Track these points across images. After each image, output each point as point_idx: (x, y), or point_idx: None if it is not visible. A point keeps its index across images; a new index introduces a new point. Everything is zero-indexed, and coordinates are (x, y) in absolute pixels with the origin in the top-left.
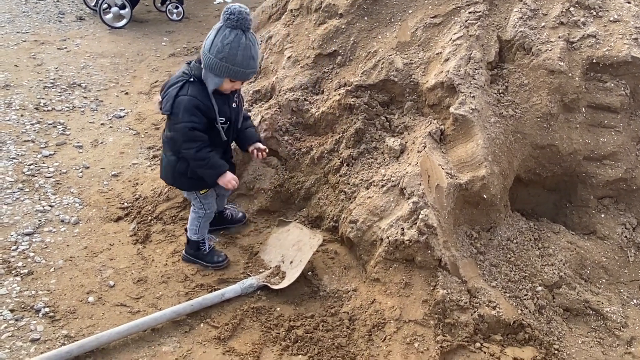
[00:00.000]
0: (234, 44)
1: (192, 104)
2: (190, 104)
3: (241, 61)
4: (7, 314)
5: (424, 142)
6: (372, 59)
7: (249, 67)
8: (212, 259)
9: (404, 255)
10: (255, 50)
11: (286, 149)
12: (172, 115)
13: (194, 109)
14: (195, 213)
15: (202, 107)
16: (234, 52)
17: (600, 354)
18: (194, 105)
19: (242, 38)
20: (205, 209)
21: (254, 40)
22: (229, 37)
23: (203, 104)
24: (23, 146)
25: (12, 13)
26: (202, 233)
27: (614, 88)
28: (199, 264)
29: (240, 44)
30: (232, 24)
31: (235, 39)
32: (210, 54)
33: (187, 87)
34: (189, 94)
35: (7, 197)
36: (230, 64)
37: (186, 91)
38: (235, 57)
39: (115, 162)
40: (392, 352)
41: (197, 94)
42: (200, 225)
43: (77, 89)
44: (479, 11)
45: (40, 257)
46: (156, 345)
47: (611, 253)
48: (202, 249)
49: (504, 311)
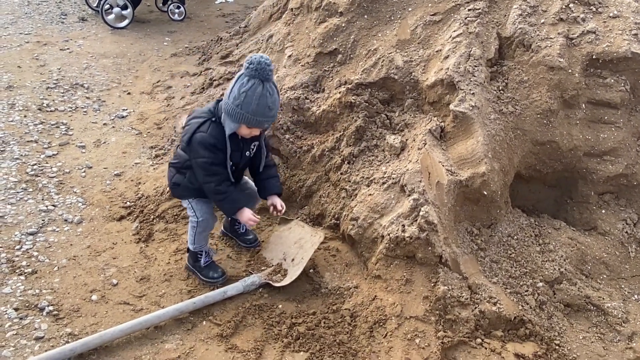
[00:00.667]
0: (249, 92)
1: (209, 142)
2: (207, 141)
3: (255, 109)
4: (11, 313)
5: (425, 140)
6: (372, 57)
7: (264, 116)
8: (207, 273)
9: (404, 252)
10: (272, 100)
11: (287, 147)
12: (188, 148)
13: (212, 147)
14: (190, 222)
15: (218, 146)
16: (249, 100)
17: (602, 349)
18: (211, 144)
19: (258, 87)
20: (198, 217)
21: (272, 90)
22: (246, 85)
23: (220, 142)
24: (26, 146)
25: (14, 14)
26: (198, 244)
27: (614, 84)
28: (196, 276)
29: (256, 93)
30: (250, 73)
31: (251, 88)
32: (228, 100)
33: (208, 125)
34: (208, 133)
35: (11, 197)
36: (245, 112)
37: (206, 129)
38: (250, 105)
39: (117, 162)
40: (393, 348)
41: (216, 134)
42: (195, 234)
43: (79, 90)
44: (479, 8)
45: (44, 256)
46: (159, 342)
47: (612, 249)
48: (200, 262)
49: (505, 307)
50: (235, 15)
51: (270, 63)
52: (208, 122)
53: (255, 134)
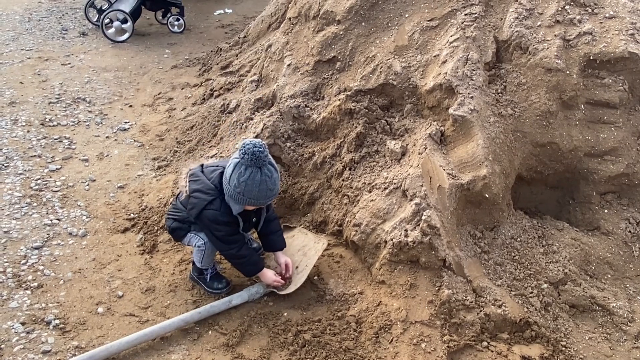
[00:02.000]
0: (249, 181)
1: (224, 220)
2: (222, 220)
3: (257, 194)
4: (18, 327)
5: (425, 144)
6: (370, 63)
7: (266, 197)
8: (212, 284)
9: (408, 256)
10: (272, 182)
11: (289, 155)
12: (198, 220)
13: (225, 222)
14: (196, 248)
15: (232, 221)
16: (250, 188)
17: (608, 349)
18: (226, 221)
19: (257, 175)
20: (205, 240)
21: (270, 172)
22: (245, 174)
23: (231, 217)
24: (30, 161)
25: (15, 31)
26: (206, 263)
27: (612, 84)
28: (202, 287)
29: (255, 180)
30: (246, 163)
31: (250, 177)
32: (229, 186)
33: (219, 203)
34: (221, 211)
35: (15, 212)
36: (247, 197)
37: (217, 207)
38: (251, 192)
39: (121, 174)
40: (399, 353)
41: (227, 211)
42: (203, 257)
43: (81, 104)
44: (475, 13)
45: (49, 270)
46: (165, 353)
47: (615, 248)
48: (205, 274)
49: (510, 309)
50: (234, 26)
51: (263, 148)
52: (217, 200)
53: (261, 207)
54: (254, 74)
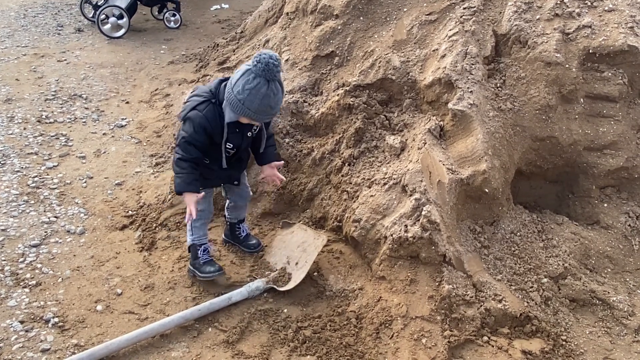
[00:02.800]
0: (254, 90)
1: (200, 123)
2: (199, 121)
3: (257, 108)
4: (17, 325)
5: (424, 139)
6: (369, 58)
7: (265, 114)
8: (204, 269)
9: (408, 252)
10: (275, 100)
11: (287, 151)
12: (183, 122)
13: (200, 128)
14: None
15: (208, 130)
16: (252, 98)
17: (608, 343)
18: (202, 125)
19: (263, 87)
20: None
21: (277, 89)
22: (252, 82)
23: (212, 127)
24: (27, 159)
25: (11, 27)
26: (197, 234)
27: (612, 77)
28: (196, 276)
29: (260, 92)
30: (257, 71)
31: (256, 87)
32: (232, 91)
33: (206, 105)
34: (204, 113)
35: (13, 210)
36: (247, 107)
37: (203, 108)
38: (252, 102)
39: (118, 171)
40: (400, 349)
41: (211, 116)
42: (191, 226)
43: (78, 100)
44: (474, 6)
45: (47, 268)
46: (165, 351)
47: (615, 242)
48: (200, 259)
49: (510, 304)
50: (231, 21)
51: (278, 63)
52: (207, 102)
53: (255, 124)
54: None
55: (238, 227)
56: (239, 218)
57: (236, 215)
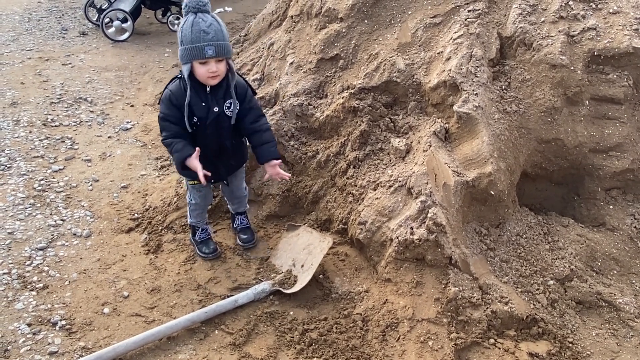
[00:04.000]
0: (184, 25)
1: (167, 97)
2: (166, 96)
3: (191, 37)
4: (24, 328)
5: (429, 141)
6: (374, 61)
7: (201, 40)
8: (201, 248)
9: (414, 254)
10: (206, 24)
11: (292, 153)
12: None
13: (168, 101)
14: (187, 199)
15: (174, 102)
16: (186, 32)
17: (615, 346)
18: (168, 98)
19: (190, 18)
20: (191, 199)
21: (205, 17)
22: (182, 21)
23: (176, 98)
24: (33, 162)
25: (15, 31)
26: (194, 219)
27: (617, 79)
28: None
29: (188, 23)
30: (186, 11)
31: (186, 22)
32: (182, 44)
33: (173, 82)
34: (169, 88)
35: (19, 213)
36: (185, 45)
37: (172, 86)
38: (187, 36)
39: (124, 174)
40: (406, 351)
41: (175, 89)
42: (189, 211)
43: (83, 104)
44: (478, 9)
45: (54, 271)
46: (172, 353)
47: (621, 244)
48: (197, 237)
49: (517, 306)
50: (235, 24)
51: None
52: (174, 79)
53: (213, 70)
54: (256, 72)
55: (235, 218)
56: (237, 210)
57: (233, 208)
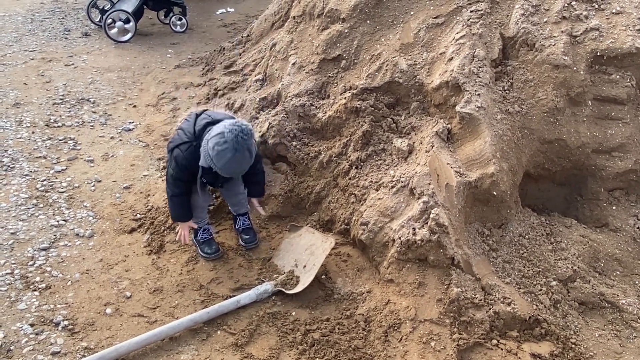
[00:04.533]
0: (222, 152)
1: (182, 163)
2: (180, 162)
3: (222, 168)
4: (27, 328)
5: (432, 142)
6: (376, 61)
7: (228, 173)
8: (203, 248)
9: (416, 255)
10: (239, 165)
11: (295, 154)
12: (170, 153)
13: (182, 167)
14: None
15: (189, 168)
16: (219, 159)
17: (618, 346)
18: (184, 165)
19: (229, 153)
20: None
21: (242, 157)
22: (222, 146)
23: (192, 165)
24: (35, 162)
25: (18, 32)
26: (195, 217)
27: (620, 80)
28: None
29: (226, 156)
30: (227, 137)
31: (224, 150)
32: (207, 143)
33: (187, 147)
34: (184, 154)
35: (22, 214)
36: (214, 163)
37: (185, 149)
38: (219, 162)
39: (126, 175)
40: (409, 352)
41: (190, 158)
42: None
43: (85, 104)
44: (481, 9)
45: (57, 271)
46: (174, 353)
47: (624, 245)
48: (199, 237)
49: (519, 307)
50: (237, 25)
51: (248, 137)
52: (188, 144)
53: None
54: (258, 73)
55: (237, 219)
56: (238, 212)
57: (234, 209)
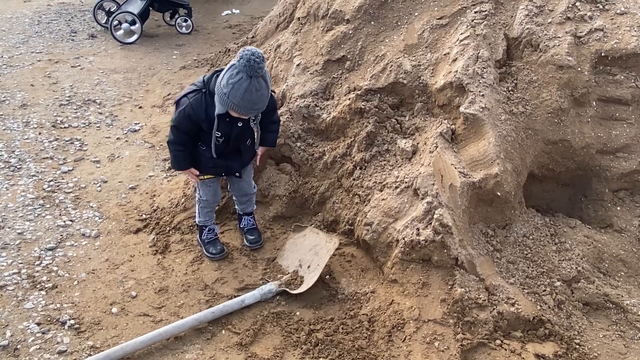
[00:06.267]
0: (236, 85)
1: (185, 110)
2: (184, 109)
3: (239, 102)
4: (34, 328)
5: (436, 143)
6: (380, 62)
7: (249, 109)
8: (208, 248)
9: (420, 255)
10: (258, 95)
11: (299, 155)
12: (175, 108)
13: (184, 114)
14: (196, 196)
15: (192, 117)
16: (235, 92)
17: (622, 347)
18: (186, 112)
19: (245, 82)
20: (201, 196)
21: (259, 85)
22: (235, 77)
23: (196, 115)
24: (42, 163)
25: (25, 34)
26: (203, 218)
27: (624, 80)
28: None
29: (242, 87)
30: (240, 67)
31: (239, 81)
32: (219, 84)
33: (195, 94)
34: (190, 102)
35: (29, 214)
36: (230, 101)
37: (192, 97)
38: (235, 96)
39: (132, 175)
40: (412, 352)
41: (196, 105)
42: (198, 210)
43: (92, 105)
44: (485, 10)
45: (63, 271)
46: (179, 353)
47: (629, 246)
48: (203, 237)
49: (523, 307)
50: (242, 26)
51: (261, 60)
52: (197, 92)
53: (244, 117)
54: None
55: (242, 218)
56: (245, 211)
57: (241, 208)
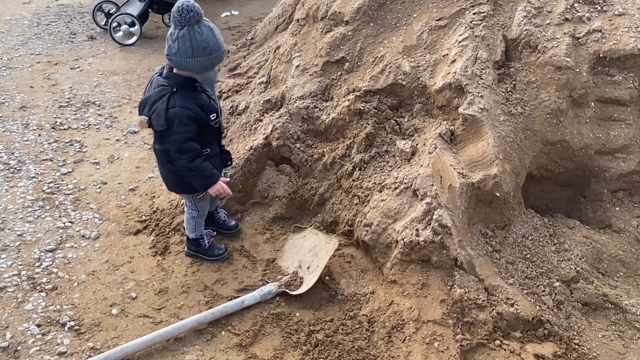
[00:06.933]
0: (204, 36)
1: (185, 115)
2: (183, 115)
3: (216, 44)
4: (34, 329)
5: (435, 144)
6: (379, 63)
7: (222, 46)
8: (212, 252)
9: (419, 256)
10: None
11: (298, 156)
12: (167, 129)
13: (187, 120)
14: (189, 214)
15: (193, 116)
16: (207, 41)
17: (621, 347)
18: (187, 116)
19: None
20: (199, 210)
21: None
22: (174, 36)
23: (194, 111)
24: (42, 165)
25: (25, 35)
26: (199, 231)
27: (622, 81)
28: (202, 259)
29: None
30: (172, 26)
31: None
32: (179, 61)
33: (173, 98)
34: (178, 106)
35: (28, 216)
36: (214, 53)
37: (174, 103)
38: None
39: (131, 177)
40: (412, 352)
41: (185, 103)
42: (195, 224)
43: (91, 107)
44: (484, 11)
45: (63, 273)
46: (179, 354)
47: (627, 246)
48: (202, 245)
49: (523, 308)
50: (241, 28)
51: (190, 9)
52: (171, 95)
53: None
54: (262, 75)
55: (216, 213)
56: (214, 207)
57: (213, 205)
